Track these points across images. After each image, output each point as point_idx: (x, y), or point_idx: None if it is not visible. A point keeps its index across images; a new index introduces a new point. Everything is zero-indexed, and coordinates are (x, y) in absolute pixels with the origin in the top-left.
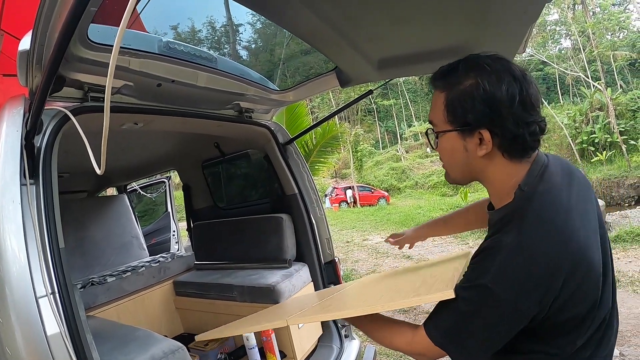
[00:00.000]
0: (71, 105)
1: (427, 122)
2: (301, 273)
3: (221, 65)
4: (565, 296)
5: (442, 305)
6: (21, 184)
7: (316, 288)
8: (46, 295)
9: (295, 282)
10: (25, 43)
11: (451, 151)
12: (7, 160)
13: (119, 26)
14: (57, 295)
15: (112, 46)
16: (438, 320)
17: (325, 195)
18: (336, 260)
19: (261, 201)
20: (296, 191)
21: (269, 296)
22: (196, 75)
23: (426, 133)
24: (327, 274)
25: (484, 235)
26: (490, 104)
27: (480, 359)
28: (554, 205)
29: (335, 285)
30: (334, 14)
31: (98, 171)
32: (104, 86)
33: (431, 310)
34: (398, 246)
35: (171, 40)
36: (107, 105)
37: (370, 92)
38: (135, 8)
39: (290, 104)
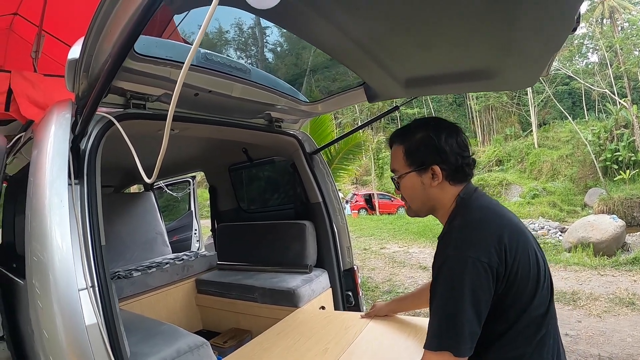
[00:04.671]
0: (114, 111)
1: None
2: (321, 279)
3: (254, 77)
4: (512, 262)
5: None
6: (68, 184)
7: (334, 294)
8: (86, 288)
9: (314, 287)
10: (74, 52)
11: (412, 187)
12: (55, 161)
13: (157, 36)
14: (97, 288)
15: (156, 58)
16: (429, 331)
17: (347, 202)
18: (355, 268)
19: (285, 207)
20: (320, 199)
21: (289, 299)
22: (231, 86)
23: (392, 178)
24: (346, 281)
25: None
26: (436, 147)
27: (474, 342)
28: (488, 202)
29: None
30: (359, 34)
31: (147, 180)
32: (146, 94)
33: None
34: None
35: (209, 52)
36: (168, 122)
37: (397, 107)
38: (172, 19)
39: (319, 115)
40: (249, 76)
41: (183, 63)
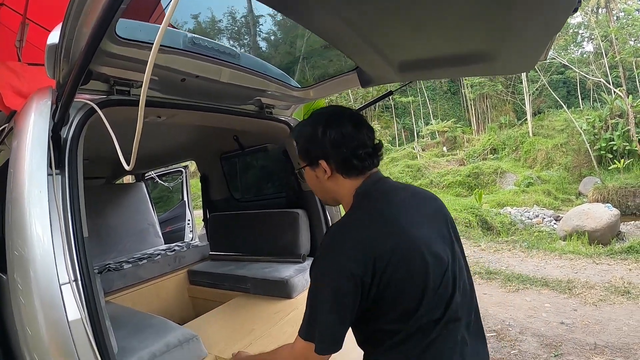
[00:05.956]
0: (97, 98)
1: (444, 121)
2: None
3: (244, 62)
4: (381, 271)
5: None
6: (48, 174)
7: None
8: (69, 282)
9: (308, 277)
10: (54, 37)
11: (310, 180)
12: (35, 150)
13: (144, 21)
14: (80, 282)
15: (139, 42)
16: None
17: None
18: None
19: (277, 195)
20: None
21: (282, 289)
22: (220, 71)
23: (296, 172)
24: None
25: (496, 238)
26: (317, 142)
27: (337, 342)
28: (378, 201)
29: None
30: (352, 15)
31: (127, 167)
32: (130, 80)
33: None
34: None
35: (196, 36)
36: (142, 104)
37: (391, 92)
38: (160, 3)
39: (311, 102)
40: (238, 61)
41: (168, 47)
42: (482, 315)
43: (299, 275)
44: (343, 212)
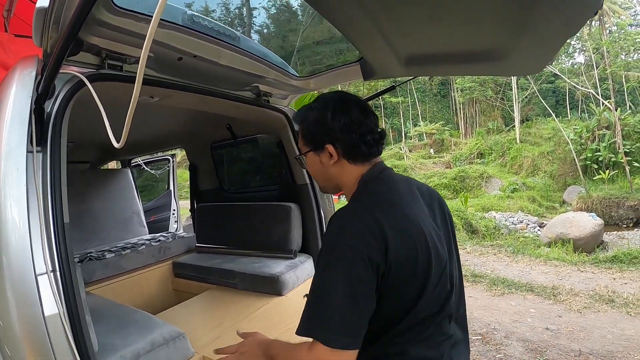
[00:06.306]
0: (87, 71)
1: (432, 123)
2: (306, 265)
3: (243, 45)
4: (396, 254)
5: None
6: (27, 151)
7: None
8: (46, 273)
9: (299, 274)
10: (44, 0)
11: (313, 166)
12: (15, 124)
13: None
14: (58, 273)
15: (137, 12)
16: (301, 317)
17: None
18: None
19: (269, 188)
20: (307, 181)
21: (272, 286)
22: (219, 52)
23: (296, 157)
24: None
25: (482, 242)
26: (326, 126)
27: (355, 336)
28: (385, 187)
29: None
30: (371, 1)
31: (116, 145)
32: (123, 54)
33: None
34: None
35: (195, 13)
36: (139, 78)
37: (393, 87)
38: None
39: (310, 92)
40: (237, 43)
41: (167, 21)
42: (468, 318)
43: (290, 272)
44: (337, 208)
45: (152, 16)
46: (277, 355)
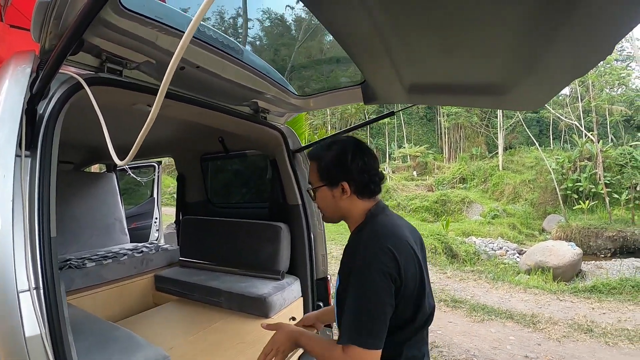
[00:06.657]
0: (85, 73)
1: (417, 146)
2: (293, 287)
3: (247, 59)
4: (406, 273)
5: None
6: (15, 155)
7: (305, 304)
8: (29, 290)
9: (286, 295)
10: None
11: (325, 199)
12: (4, 124)
13: None
14: (42, 291)
15: (143, 16)
16: (342, 328)
17: None
18: (328, 278)
19: (258, 205)
20: (299, 202)
21: (258, 308)
22: (222, 65)
23: (307, 190)
24: (318, 291)
25: (462, 267)
26: (345, 166)
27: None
28: (389, 220)
29: (323, 303)
30: (386, 20)
31: (119, 163)
32: (125, 58)
33: None
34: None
35: (202, 23)
36: (161, 93)
37: (392, 113)
38: None
39: (308, 111)
40: (241, 57)
41: (174, 29)
42: (447, 343)
43: (278, 294)
44: (329, 230)
45: (156, 21)
46: (306, 346)
